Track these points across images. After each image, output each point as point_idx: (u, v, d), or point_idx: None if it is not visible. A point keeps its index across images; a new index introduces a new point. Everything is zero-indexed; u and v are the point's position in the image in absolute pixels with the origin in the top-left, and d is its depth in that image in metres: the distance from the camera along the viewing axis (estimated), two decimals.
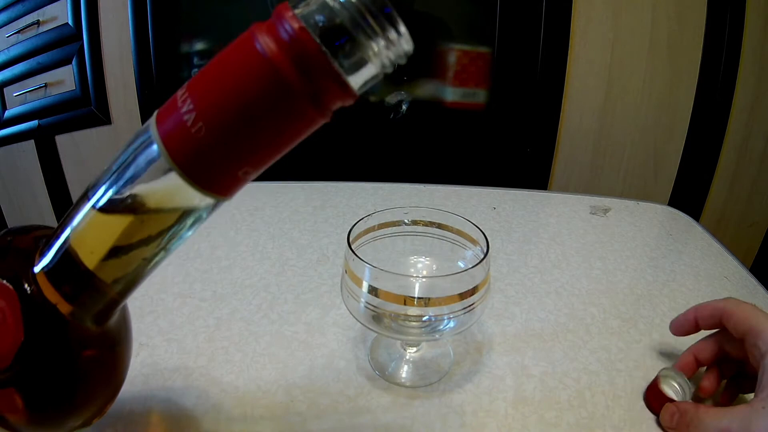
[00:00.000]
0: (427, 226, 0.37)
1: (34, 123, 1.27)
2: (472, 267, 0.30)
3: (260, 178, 0.21)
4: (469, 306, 0.31)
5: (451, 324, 0.31)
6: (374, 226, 0.36)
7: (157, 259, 0.20)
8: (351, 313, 0.33)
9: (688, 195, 1.19)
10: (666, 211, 0.65)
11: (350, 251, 0.31)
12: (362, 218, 0.35)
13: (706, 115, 1.12)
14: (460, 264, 0.36)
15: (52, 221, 1.37)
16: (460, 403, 0.34)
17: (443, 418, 0.33)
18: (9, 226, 0.23)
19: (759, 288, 0.49)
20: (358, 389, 0.35)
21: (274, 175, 0.34)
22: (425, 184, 0.68)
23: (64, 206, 1.35)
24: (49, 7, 1.18)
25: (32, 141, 1.29)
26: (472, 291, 0.30)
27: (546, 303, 0.44)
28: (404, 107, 1.18)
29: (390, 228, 0.37)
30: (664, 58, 1.10)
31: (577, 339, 0.40)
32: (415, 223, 0.37)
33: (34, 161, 1.31)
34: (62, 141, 1.29)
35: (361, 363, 0.37)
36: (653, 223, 0.61)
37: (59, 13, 1.18)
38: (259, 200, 0.62)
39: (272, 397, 0.34)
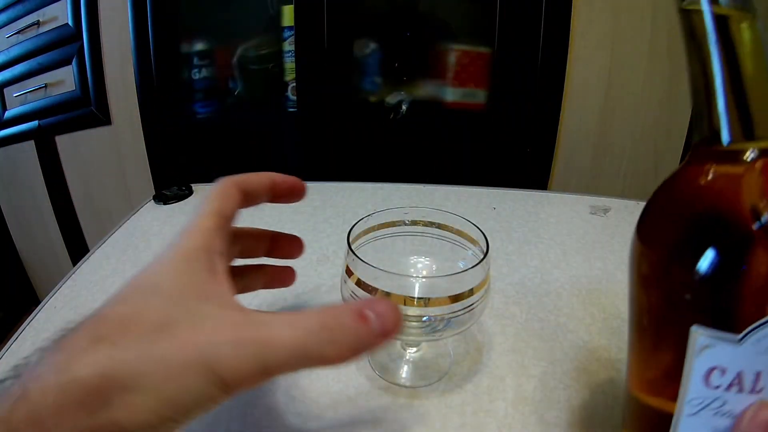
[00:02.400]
0: (427, 226, 0.37)
1: (34, 123, 1.27)
2: (472, 267, 0.30)
3: None
4: (469, 306, 0.31)
5: (451, 324, 0.31)
6: (374, 226, 0.36)
7: None
8: None
9: None
10: None
11: (350, 251, 0.31)
12: (362, 218, 0.35)
13: None
14: (460, 264, 0.35)
15: (52, 221, 1.37)
16: (460, 403, 0.34)
17: (443, 418, 0.33)
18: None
19: None
20: (358, 389, 0.35)
21: None
22: (425, 184, 0.68)
23: (64, 206, 1.36)
24: (49, 7, 1.18)
25: (32, 141, 1.29)
26: (472, 291, 0.30)
27: (546, 303, 0.44)
28: (404, 107, 1.18)
29: (390, 228, 0.37)
30: (664, 58, 1.10)
31: (577, 339, 0.40)
32: (415, 223, 0.37)
33: (34, 161, 1.31)
34: (62, 141, 1.29)
35: (361, 363, 0.37)
36: None
37: (59, 14, 1.18)
38: None
39: (272, 397, 0.34)
